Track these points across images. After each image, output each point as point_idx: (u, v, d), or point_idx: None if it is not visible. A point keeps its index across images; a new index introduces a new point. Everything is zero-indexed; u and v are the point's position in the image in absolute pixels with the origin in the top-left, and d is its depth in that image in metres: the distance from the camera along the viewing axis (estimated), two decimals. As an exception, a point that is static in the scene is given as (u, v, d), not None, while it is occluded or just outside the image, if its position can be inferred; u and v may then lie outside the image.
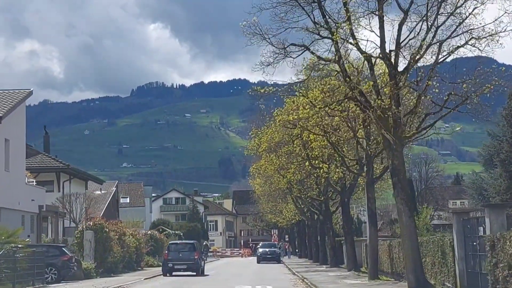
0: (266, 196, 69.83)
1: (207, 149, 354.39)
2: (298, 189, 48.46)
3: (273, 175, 47.13)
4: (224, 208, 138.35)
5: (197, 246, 41.56)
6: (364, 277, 32.41)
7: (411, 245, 21.69)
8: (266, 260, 64.78)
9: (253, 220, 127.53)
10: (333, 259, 45.94)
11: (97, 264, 39.36)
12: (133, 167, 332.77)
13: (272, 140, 44.61)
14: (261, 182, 59.24)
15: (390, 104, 21.36)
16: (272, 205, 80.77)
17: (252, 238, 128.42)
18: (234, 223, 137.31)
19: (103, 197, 79.55)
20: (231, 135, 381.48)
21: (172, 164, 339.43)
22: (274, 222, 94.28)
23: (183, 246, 41.10)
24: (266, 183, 60.92)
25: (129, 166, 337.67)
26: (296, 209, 65.91)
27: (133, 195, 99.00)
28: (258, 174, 49.50)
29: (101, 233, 39.85)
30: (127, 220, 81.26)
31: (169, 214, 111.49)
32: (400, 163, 21.74)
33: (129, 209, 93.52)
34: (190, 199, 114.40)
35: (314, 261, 58.81)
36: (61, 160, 56.52)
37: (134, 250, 46.91)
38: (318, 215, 54.03)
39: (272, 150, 46.73)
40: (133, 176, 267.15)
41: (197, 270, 40.42)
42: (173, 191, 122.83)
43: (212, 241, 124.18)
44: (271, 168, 45.72)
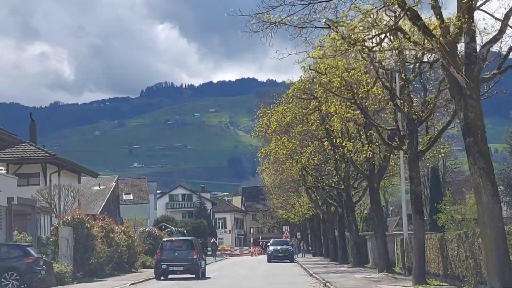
0: (276, 189, 62.41)
1: (217, 148, 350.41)
2: (314, 176, 40.97)
3: (285, 161, 39.68)
4: (233, 205, 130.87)
5: (196, 244, 34.17)
6: (404, 280, 24.95)
7: (495, 235, 14.33)
8: (277, 259, 57.41)
9: (263, 217, 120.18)
10: (356, 257, 38.46)
11: (77, 266, 32.13)
12: (143, 167, 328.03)
13: (283, 120, 37.24)
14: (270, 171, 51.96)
15: (461, 29, 14.06)
16: (283, 200, 73.49)
17: (262, 236, 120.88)
18: (243, 221, 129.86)
19: (102, 192, 72.48)
20: (240, 134, 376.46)
21: (182, 164, 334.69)
22: (285, 218, 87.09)
23: (179, 244, 33.72)
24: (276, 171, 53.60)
25: (139, 166, 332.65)
26: (310, 202, 58.53)
27: (137, 192, 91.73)
28: (267, 161, 41.98)
29: (81, 229, 32.54)
30: (129, 218, 74.31)
31: (176, 212, 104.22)
32: (477, 116, 14.42)
33: (132, 206, 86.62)
34: (197, 195, 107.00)
35: (332, 260, 51.36)
36: (48, 150, 49.36)
37: (125, 249, 39.59)
38: (336, 207, 46.56)
39: (283, 131, 39.40)
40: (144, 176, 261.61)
41: (196, 272, 33.07)
42: (180, 187, 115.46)
43: (221, 239, 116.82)
44: (282, 153, 38.33)
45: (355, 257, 38.46)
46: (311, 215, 64.72)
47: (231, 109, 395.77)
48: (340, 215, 46.09)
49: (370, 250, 39.00)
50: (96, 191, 72.74)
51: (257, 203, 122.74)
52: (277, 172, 52.71)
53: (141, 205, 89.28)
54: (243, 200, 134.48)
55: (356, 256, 38.44)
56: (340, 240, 45.69)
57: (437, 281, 22.49)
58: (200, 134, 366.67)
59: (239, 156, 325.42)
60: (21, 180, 47.61)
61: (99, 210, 67.61)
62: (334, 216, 53.09)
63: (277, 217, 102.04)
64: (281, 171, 48.09)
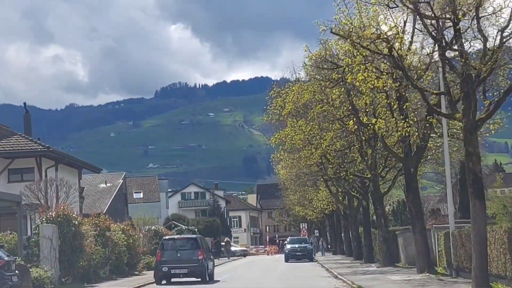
0: (292, 183, 57.22)
1: (231, 148, 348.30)
2: (336, 164, 35.71)
3: (303, 147, 34.47)
4: (248, 203, 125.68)
5: (202, 242, 29.09)
6: (455, 283, 19.77)
7: None
8: (295, 258, 52.28)
9: (279, 215, 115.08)
10: (386, 255, 33.21)
11: (63, 270, 27.20)
12: (159, 168, 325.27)
13: (300, 100, 32.13)
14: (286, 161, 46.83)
15: None
16: (300, 195, 68.25)
17: (279, 234, 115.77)
18: (259, 219, 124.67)
19: (108, 190, 67.74)
20: (255, 133, 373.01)
21: (197, 164, 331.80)
22: (302, 215, 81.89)
23: (183, 243, 28.60)
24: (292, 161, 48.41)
25: (155, 167, 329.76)
26: (329, 196, 53.31)
27: (147, 190, 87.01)
28: (282, 149, 36.73)
29: (68, 227, 27.55)
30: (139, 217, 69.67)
31: (188, 210, 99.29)
32: None
33: (142, 205, 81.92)
34: (210, 193, 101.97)
35: (356, 259, 46.12)
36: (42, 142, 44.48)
37: (125, 250, 34.58)
38: (360, 200, 41.31)
39: (299, 114, 34.30)
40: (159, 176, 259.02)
41: (203, 274, 27.98)
42: (192, 185, 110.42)
43: (236, 238, 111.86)
44: (299, 138, 33.18)
45: (384, 255, 33.20)
46: (330, 211, 59.47)
47: (245, 108, 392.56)
48: (365, 209, 40.85)
49: (401, 247, 33.78)
50: (102, 189, 67.97)
51: (273, 200, 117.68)
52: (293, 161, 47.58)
53: (152, 203, 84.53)
54: (258, 198, 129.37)
55: (386, 254, 33.19)
56: (365, 236, 40.45)
57: (503, 284, 17.31)
58: (214, 134, 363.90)
59: (254, 155, 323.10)
60: (13, 175, 42.98)
61: (105, 208, 62.92)
62: (357, 210, 47.85)
63: (294, 215, 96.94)
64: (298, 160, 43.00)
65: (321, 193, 56.75)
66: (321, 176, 47.56)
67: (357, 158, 32.80)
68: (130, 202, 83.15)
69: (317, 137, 33.40)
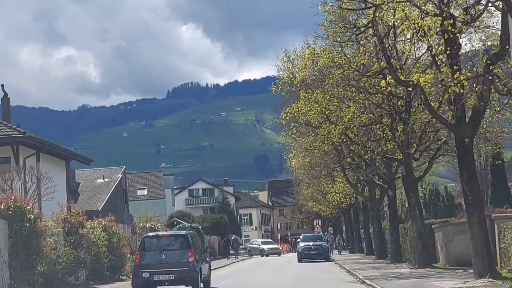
0: (305, 174, 50.65)
1: (243, 147, 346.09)
2: (361, 144, 29.02)
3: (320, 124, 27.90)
4: (259, 200, 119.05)
5: (195, 240, 22.58)
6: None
7: None
8: (310, 258, 45.81)
9: (291, 212, 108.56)
10: (421, 254, 26.54)
11: (16, 277, 20.85)
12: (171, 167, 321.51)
13: (315, 65, 25.66)
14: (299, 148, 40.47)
15: None
16: (313, 189, 61.75)
17: (291, 232, 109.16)
18: (270, 216, 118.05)
19: (106, 186, 61.51)
20: (267, 132, 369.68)
21: (209, 163, 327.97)
22: (316, 211, 75.37)
23: (169, 242, 21.94)
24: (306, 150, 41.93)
25: (167, 166, 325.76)
26: (347, 188, 46.82)
27: (151, 186, 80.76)
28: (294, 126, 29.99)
29: (21, 224, 21.17)
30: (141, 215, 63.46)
31: (196, 208, 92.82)
32: None
33: (146, 202, 75.64)
34: (219, 189, 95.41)
35: (378, 258, 39.49)
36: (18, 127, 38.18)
37: (105, 251, 28.13)
38: (386, 190, 34.62)
39: (315, 84, 27.83)
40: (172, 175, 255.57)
41: (194, 281, 21.38)
42: (200, 181, 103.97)
43: (247, 236, 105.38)
44: (315, 111, 26.67)
45: (420, 254, 26.53)
46: (347, 205, 52.78)
47: (257, 107, 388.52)
48: (391, 200, 34.16)
49: (440, 245, 27.12)
50: (99, 184, 61.65)
51: (285, 197, 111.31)
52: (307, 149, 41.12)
53: (156, 200, 78.26)
54: (270, 194, 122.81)
55: (421, 253, 26.54)
56: (392, 231, 33.79)
57: None
58: (226, 133, 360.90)
59: (266, 154, 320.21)
60: (-14, 166, 36.83)
61: (101, 205, 56.74)
62: (379, 202, 41.31)
63: (307, 211, 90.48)
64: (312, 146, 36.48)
65: (337, 185, 50.24)
66: (338, 164, 41.10)
67: (386, 135, 26.11)
68: (133, 200, 77.02)
69: (336, 111, 26.86)
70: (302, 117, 28.25)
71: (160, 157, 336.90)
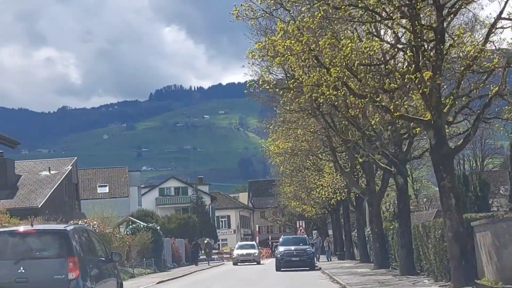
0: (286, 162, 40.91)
1: (227, 150, 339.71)
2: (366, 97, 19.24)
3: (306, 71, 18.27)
4: (238, 201, 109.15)
5: (82, 240, 12.83)
6: None
7: None
8: (291, 266, 36.20)
9: (272, 214, 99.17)
10: (459, 265, 16.90)
11: None
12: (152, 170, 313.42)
13: None
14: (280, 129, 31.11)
15: None
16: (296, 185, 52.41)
17: (272, 235, 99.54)
18: (250, 219, 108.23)
19: (52, 179, 51.59)
20: (251, 136, 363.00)
21: (192, 166, 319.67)
22: (299, 211, 66.07)
23: (33, 244, 12.16)
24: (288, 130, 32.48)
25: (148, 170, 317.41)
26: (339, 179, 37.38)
27: (114, 183, 70.83)
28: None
29: None
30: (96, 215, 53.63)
31: (167, 208, 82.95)
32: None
33: (107, 200, 65.79)
34: (193, 188, 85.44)
35: (379, 266, 29.90)
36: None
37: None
38: (394, 175, 24.89)
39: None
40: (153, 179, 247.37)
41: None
42: (172, 179, 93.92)
43: (225, 240, 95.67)
44: (298, 49, 17.03)
45: (457, 264, 16.92)
46: (337, 201, 43.00)
47: (241, 111, 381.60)
48: (401, 190, 24.47)
49: (486, 252, 17.45)
50: (44, 177, 51.72)
51: (266, 198, 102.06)
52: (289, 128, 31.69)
53: (120, 199, 68.44)
54: (250, 196, 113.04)
55: (459, 264, 16.93)
56: (403, 233, 24.12)
57: None
58: (210, 136, 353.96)
59: (249, 158, 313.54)
60: None
61: (42, 201, 46.86)
62: (380, 195, 31.70)
63: (289, 213, 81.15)
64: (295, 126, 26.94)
65: (326, 178, 40.71)
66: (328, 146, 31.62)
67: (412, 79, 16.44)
68: (92, 198, 67.14)
69: (327, 49, 17.20)
70: (277, 62, 18.63)
71: (142, 160, 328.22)
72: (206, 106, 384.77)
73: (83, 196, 68.21)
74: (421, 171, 58.87)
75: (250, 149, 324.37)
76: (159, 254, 41.83)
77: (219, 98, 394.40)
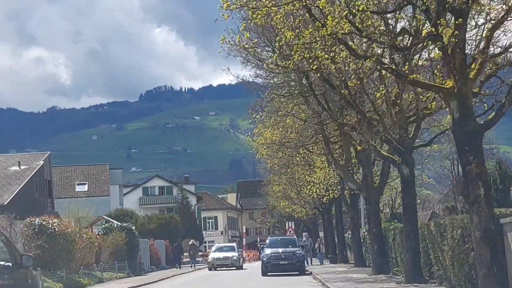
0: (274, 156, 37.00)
1: (217, 152, 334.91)
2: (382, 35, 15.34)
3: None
4: (226, 202, 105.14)
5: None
6: None
7: None
8: (278, 270, 32.41)
9: (261, 215, 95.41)
10: (490, 271, 13.19)
11: None
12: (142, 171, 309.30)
13: None
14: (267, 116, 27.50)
15: None
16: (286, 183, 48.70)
17: (261, 237, 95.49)
18: (238, 220, 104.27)
19: (21, 175, 47.67)
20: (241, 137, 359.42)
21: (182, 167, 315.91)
22: (289, 212, 62.42)
23: None
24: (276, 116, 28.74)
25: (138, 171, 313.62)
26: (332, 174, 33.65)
27: (94, 182, 66.82)
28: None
29: None
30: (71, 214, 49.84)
31: (151, 208, 78.93)
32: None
33: (85, 199, 62.02)
34: (178, 187, 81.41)
35: (378, 271, 26.14)
36: None
37: None
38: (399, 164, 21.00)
39: None
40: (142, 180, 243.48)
41: None
42: (156, 178, 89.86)
43: (212, 242, 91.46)
44: None
45: (488, 270, 13.16)
46: (329, 199, 39.10)
47: (231, 112, 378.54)
48: (407, 181, 20.72)
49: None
50: (13, 173, 47.77)
51: (255, 199, 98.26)
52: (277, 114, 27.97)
53: (99, 198, 64.51)
54: (239, 196, 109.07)
55: (490, 269, 13.18)
56: (409, 233, 20.28)
57: None
58: (200, 138, 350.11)
59: (240, 160, 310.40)
60: None
61: (9, 198, 43.02)
62: (379, 190, 27.89)
63: (279, 214, 77.51)
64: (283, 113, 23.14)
65: (317, 174, 36.87)
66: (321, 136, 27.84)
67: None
68: (70, 196, 63.16)
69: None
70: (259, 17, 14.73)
71: (131, 161, 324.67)
72: (197, 107, 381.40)
73: (60, 194, 64.22)
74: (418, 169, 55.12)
75: (240, 150, 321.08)
76: (134, 256, 37.87)
77: (210, 99, 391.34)
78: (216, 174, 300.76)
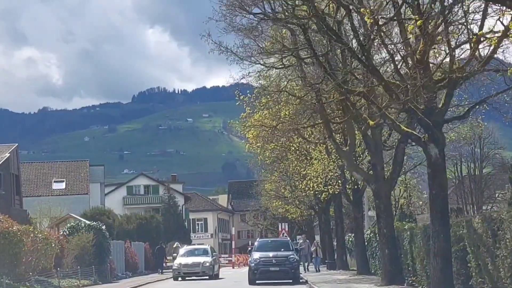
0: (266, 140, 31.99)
1: (210, 154, 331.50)
2: None
3: None
4: (216, 203, 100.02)
5: None
6: None
7: None
8: (268, 278, 27.43)
9: (253, 217, 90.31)
10: None
11: None
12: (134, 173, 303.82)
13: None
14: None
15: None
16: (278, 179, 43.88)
17: (253, 241, 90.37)
18: (229, 222, 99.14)
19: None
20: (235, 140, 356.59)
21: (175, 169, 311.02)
22: (282, 213, 57.68)
23: None
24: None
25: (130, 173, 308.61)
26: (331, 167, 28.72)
27: (72, 179, 61.62)
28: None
29: None
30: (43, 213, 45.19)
31: (136, 208, 73.63)
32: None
33: (63, 197, 57.12)
34: (165, 186, 76.30)
35: (389, 281, 21.21)
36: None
37: None
38: (426, 144, 16.17)
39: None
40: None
41: None
42: (142, 176, 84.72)
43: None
44: None
45: None
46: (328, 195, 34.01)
47: (225, 114, 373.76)
48: (436, 164, 15.82)
49: None
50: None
51: (247, 200, 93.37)
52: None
53: (78, 196, 59.33)
54: (230, 197, 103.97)
55: None
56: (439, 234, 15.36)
57: None
58: (193, 140, 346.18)
59: (233, 162, 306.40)
60: None
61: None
62: (390, 182, 22.91)
63: (272, 215, 72.55)
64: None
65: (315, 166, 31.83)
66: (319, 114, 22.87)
67: None
68: (47, 194, 58.10)
69: None
70: None
71: (123, 163, 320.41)
72: (190, 109, 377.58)
73: (34, 192, 59.29)
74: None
75: (234, 153, 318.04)
76: (104, 260, 32.75)
77: (203, 101, 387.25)
78: (209, 177, 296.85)
